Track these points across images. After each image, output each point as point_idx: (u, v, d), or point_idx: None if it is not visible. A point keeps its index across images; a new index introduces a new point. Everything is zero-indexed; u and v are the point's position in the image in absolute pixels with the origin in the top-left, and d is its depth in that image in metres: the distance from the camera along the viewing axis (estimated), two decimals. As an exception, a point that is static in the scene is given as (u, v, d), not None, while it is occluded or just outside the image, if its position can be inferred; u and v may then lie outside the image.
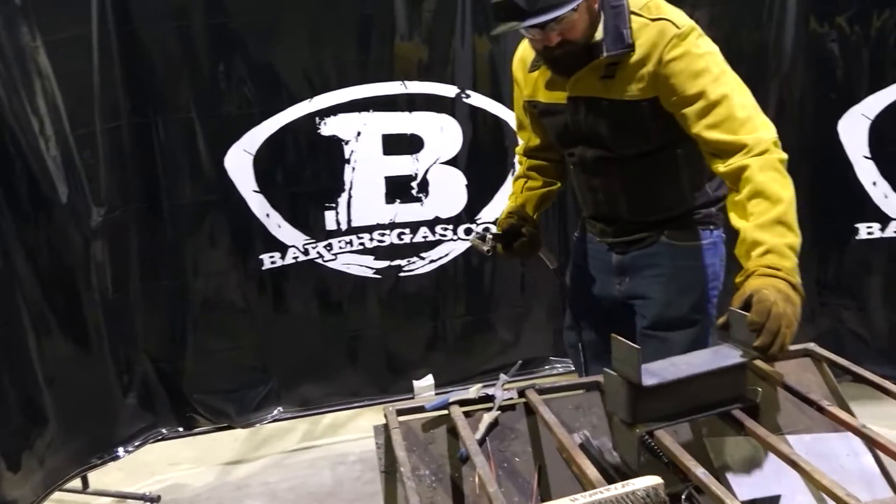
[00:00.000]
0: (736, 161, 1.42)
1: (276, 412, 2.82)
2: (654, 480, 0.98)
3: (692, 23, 1.54)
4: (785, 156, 1.42)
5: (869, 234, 2.63)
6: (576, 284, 1.95)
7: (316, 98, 2.58)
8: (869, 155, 2.55)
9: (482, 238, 1.83)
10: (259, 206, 2.61)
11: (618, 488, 0.97)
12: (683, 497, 1.16)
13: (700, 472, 1.04)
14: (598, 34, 1.56)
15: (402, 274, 2.82)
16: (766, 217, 1.36)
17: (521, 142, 2.00)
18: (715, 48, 1.54)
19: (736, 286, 1.33)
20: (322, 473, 2.74)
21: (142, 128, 2.45)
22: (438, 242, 2.81)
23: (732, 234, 2.68)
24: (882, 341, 2.71)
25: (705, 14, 2.57)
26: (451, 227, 2.81)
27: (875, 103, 2.51)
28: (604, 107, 1.60)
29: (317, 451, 2.91)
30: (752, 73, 2.58)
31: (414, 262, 2.82)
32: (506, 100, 2.64)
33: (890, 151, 2.53)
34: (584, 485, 1.09)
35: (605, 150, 1.66)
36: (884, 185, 2.56)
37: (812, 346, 1.47)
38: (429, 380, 2.88)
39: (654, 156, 1.65)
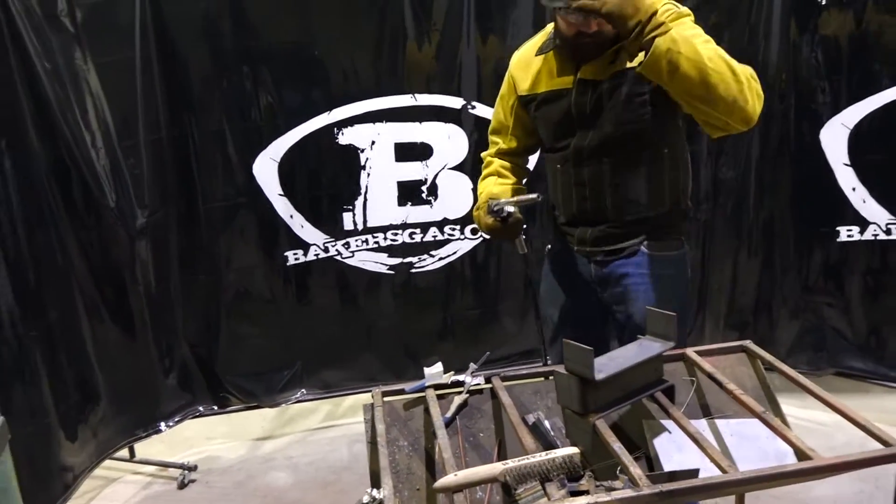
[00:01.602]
0: None
1: (299, 394, 3.06)
2: (571, 450, 1.22)
3: (689, 10, 1.67)
4: (758, 85, 1.60)
5: (849, 236, 2.78)
6: (551, 297, 2.04)
7: (335, 110, 2.82)
8: (848, 162, 2.71)
9: (500, 212, 1.82)
10: (284, 208, 2.87)
11: (541, 456, 1.21)
12: (619, 469, 1.40)
13: (616, 446, 1.28)
14: None
15: (413, 270, 3.05)
16: (702, 45, 1.53)
17: (490, 146, 2.08)
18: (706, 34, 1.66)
19: None
20: (340, 450, 3.00)
21: (180, 139, 2.71)
22: (447, 241, 3.05)
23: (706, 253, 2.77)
24: (861, 338, 2.86)
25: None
26: (458, 227, 3.03)
27: (854, 114, 2.66)
28: (611, 84, 1.72)
29: (337, 430, 3.18)
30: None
31: (424, 260, 3.06)
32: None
33: (867, 159, 2.68)
34: (526, 454, 1.33)
35: (602, 135, 1.76)
36: (862, 191, 2.71)
37: (748, 343, 1.67)
38: (438, 367, 3.06)
39: (643, 148, 1.77)
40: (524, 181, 2.07)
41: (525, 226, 1.86)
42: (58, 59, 2.40)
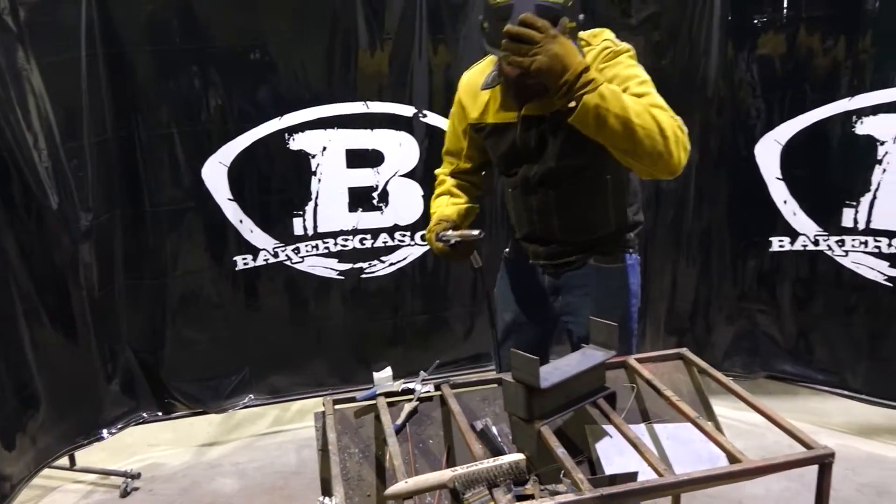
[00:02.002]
0: None
1: (247, 399, 3.04)
2: (517, 456, 1.27)
3: (628, 45, 1.77)
4: (685, 137, 1.63)
5: (780, 246, 2.93)
6: (504, 301, 2.11)
7: (286, 116, 2.82)
8: (780, 176, 2.85)
9: (447, 241, 1.90)
10: (233, 212, 2.86)
11: (489, 462, 1.26)
12: (562, 473, 1.46)
13: (560, 451, 1.33)
14: None
15: (363, 275, 3.07)
16: (630, 100, 1.57)
17: (444, 165, 2.13)
18: (644, 72, 1.72)
19: None
20: (288, 455, 3.00)
21: (126, 141, 2.67)
22: (397, 247, 3.08)
23: (648, 260, 2.89)
24: (791, 343, 3.01)
25: (641, 40, 2.85)
26: (408, 233, 3.07)
27: (785, 130, 2.80)
28: (554, 120, 1.74)
29: (285, 435, 3.18)
30: (682, 101, 2.89)
31: (374, 265, 3.08)
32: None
33: (797, 174, 2.83)
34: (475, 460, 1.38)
35: (546, 167, 1.84)
36: (793, 204, 2.86)
37: (684, 351, 1.75)
38: (388, 371, 3.07)
39: (587, 179, 1.85)
40: (477, 197, 2.12)
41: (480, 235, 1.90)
42: (-1, 58, 2.34)
